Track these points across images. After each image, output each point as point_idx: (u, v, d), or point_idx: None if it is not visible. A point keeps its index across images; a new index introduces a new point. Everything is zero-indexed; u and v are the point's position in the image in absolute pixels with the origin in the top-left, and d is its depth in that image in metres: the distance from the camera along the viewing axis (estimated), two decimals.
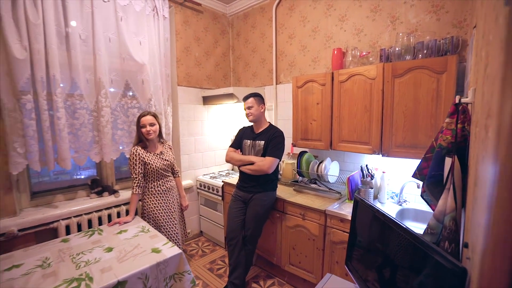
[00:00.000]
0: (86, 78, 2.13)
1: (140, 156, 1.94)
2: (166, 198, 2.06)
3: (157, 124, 2.00)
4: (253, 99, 2.08)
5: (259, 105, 2.09)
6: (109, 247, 1.53)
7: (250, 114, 2.08)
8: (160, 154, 2.05)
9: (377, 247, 1.12)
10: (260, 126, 2.14)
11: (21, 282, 1.22)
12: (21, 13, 1.78)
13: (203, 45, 3.07)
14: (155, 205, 2.01)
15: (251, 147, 2.13)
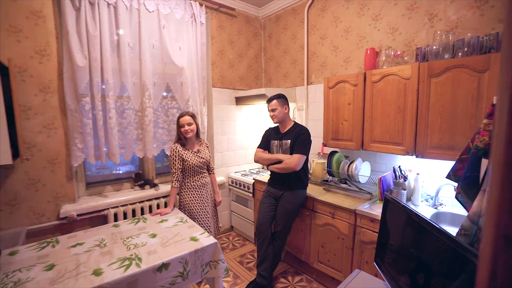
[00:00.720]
0: (133, 82, 2.36)
1: (179, 153, 2.11)
2: (201, 192, 2.21)
3: (195, 124, 2.15)
4: (277, 101, 2.12)
5: (282, 106, 2.13)
6: (153, 233, 1.71)
7: (274, 116, 2.14)
8: (197, 152, 2.19)
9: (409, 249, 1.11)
10: (285, 126, 2.18)
11: (85, 257, 1.43)
12: (82, 26, 2.04)
13: (236, 48, 3.20)
14: (190, 199, 2.16)
15: (279, 147, 2.18)
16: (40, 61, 1.99)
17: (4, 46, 1.85)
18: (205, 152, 2.26)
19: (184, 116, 2.13)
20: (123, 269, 1.31)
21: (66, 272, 1.30)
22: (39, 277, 1.26)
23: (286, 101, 2.17)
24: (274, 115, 2.14)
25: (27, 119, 1.96)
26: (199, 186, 2.21)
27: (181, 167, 2.14)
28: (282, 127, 2.21)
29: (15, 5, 1.88)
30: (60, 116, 2.10)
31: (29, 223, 2.02)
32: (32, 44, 1.95)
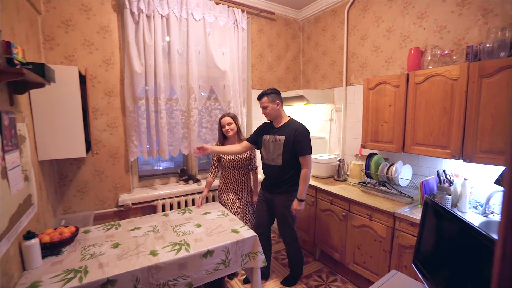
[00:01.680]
0: (181, 85, 2.59)
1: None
2: (236, 188, 2.34)
3: (235, 124, 2.30)
4: (267, 98, 2.01)
5: (274, 102, 2.02)
6: (198, 223, 1.88)
7: (266, 114, 2.07)
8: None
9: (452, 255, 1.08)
10: (280, 121, 2.08)
11: (142, 239, 1.64)
12: (140, 37, 2.30)
13: (275, 51, 3.29)
14: (223, 191, 2.36)
15: (271, 142, 2.08)
16: (106, 69, 2.30)
17: (81, 58, 2.18)
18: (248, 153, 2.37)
19: (224, 117, 2.30)
20: (175, 252, 1.49)
21: (128, 250, 1.52)
22: (108, 253, 1.49)
23: (277, 96, 2.05)
24: (265, 112, 2.06)
25: (96, 119, 2.28)
26: (234, 182, 2.34)
27: (218, 163, 2.34)
28: (276, 122, 2.10)
29: (89, 23, 2.20)
30: (121, 116, 2.40)
31: (95, 208, 2.34)
32: (100, 54, 2.26)
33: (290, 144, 1.98)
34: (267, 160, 2.11)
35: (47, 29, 2.06)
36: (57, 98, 1.78)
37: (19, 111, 1.53)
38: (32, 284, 1.24)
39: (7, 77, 1.11)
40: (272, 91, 2.05)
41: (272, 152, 2.07)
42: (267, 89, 2.09)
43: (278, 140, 2.04)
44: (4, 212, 1.21)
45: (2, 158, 1.24)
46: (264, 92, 2.06)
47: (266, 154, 2.12)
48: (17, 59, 1.22)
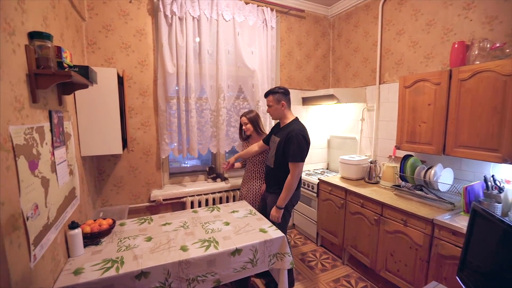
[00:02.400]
0: (210, 85, 2.64)
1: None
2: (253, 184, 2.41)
3: (250, 124, 2.36)
4: (272, 97, 1.97)
5: (278, 103, 1.96)
6: (227, 221, 1.90)
7: (270, 113, 2.06)
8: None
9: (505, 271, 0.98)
10: (284, 122, 2.03)
11: (173, 234, 1.70)
12: (173, 39, 2.38)
13: (304, 49, 3.23)
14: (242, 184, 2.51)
15: (272, 142, 2.09)
16: (141, 70, 2.41)
17: (119, 60, 2.31)
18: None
19: (241, 117, 2.42)
20: (204, 249, 1.52)
21: (160, 244, 1.58)
22: (142, 245, 1.56)
23: (283, 97, 1.97)
24: (269, 111, 2.04)
25: (131, 118, 2.40)
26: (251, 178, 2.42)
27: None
28: (281, 123, 2.06)
29: (126, 27, 2.32)
30: (153, 115, 2.50)
31: (129, 203, 2.47)
32: (136, 57, 2.38)
33: (282, 147, 1.91)
34: (266, 160, 2.19)
35: (90, 34, 2.21)
36: (98, 98, 1.90)
37: (66, 110, 1.65)
38: (75, 270, 1.33)
39: (58, 79, 1.20)
40: (279, 91, 1.98)
41: (271, 154, 2.07)
42: (275, 87, 2.03)
43: (275, 141, 2.01)
44: (53, 203, 1.31)
45: (52, 154, 1.35)
46: (271, 90, 2.00)
47: (268, 153, 2.16)
48: (66, 62, 1.32)
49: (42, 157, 1.21)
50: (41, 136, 1.23)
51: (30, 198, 1.07)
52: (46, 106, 1.32)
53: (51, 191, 1.29)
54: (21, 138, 1.03)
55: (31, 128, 1.13)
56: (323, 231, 2.80)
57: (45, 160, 1.25)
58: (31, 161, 1.11)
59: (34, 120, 1.17)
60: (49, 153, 1.30)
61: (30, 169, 1.09)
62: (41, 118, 1.25)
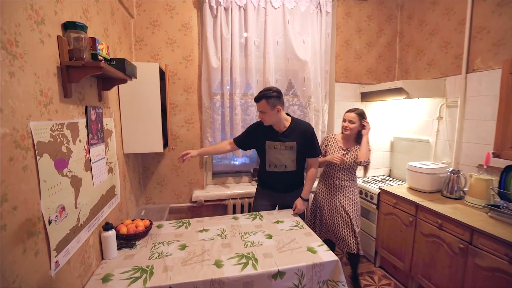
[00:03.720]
0: (257, 79, 2.43)
1: (330, 141, 2.13)
2: (328, 190, 2.13)
3: (357, 124, 2.01)
4: (265, 102, 1.71)
5: (273, 108, 1.73)
6: (269, 234, 1.66)
7: (263, 119, 1.80)
8: (345, 151, 2.06)
9: None
10: (283, 124, 1.84)
11: (209, 244, 1.53)
12: (218, 31, 2.23)
13: (365, 36, 2.79)
14: (318, 191, 2.20)
15: (281, 149, 1.86)
16: (186, 65, 2.32)
17: (165, 56, 2.26)
18: (353, 156, 2.04)
19: (349, 112, 2.05)
20: (241, 267, 1.30)
21: (194, 255, 1.41)
22: (175, 254, 1.42)
23: (278, 100, 1.75)
24: (263, 118, 1.79)
25: (174, 115, 2.33)
26: (329, 185, 2.13)
27: (323, 156, 2.13)
28: (278, 126, 1.85)
29: (172, 21, 2.26)
30: (197, 112, 2.40)
31: (171, 202, 2.42)
32: (181, 52, 2.30)
33: (303, 148, 1.86)
34: (277, 168, 1.90)
35: (138, 31, 2.20)
36: (140, 94, 1.85)
37: (108, 106, 1.61)
38: (105, 276, 1.25)
39: (89, 72, 1.11)
40: (273, 94, 1.72)
41: (284, 160, 1.88)
42: (266, 89, 1.75)
43: (290, 147, 1.85)
44: (86, 203, 1.25)
45: (87, 151, 1.29)
46: (263, 94, 1.72)
47: (275, 162, 1.89)
48: (101, 54, 1.24)
49: (73, 155, 1.14)
50: (74, 133, 1.16)
51: (54, 199, 0.99)
52: (82, 102, 1.26)
53: (84, 191, 1.23)
54: (45, 135, 0.95)
55: (60, 125, 1.05)
56: (384, 251, 2.35)
57: (78, 158, 1.18)
58: (59, 159, 1.03)
59: (65, 115, 1.10)
60: (83, 151, 1.24)
61: (57, 168, 1.01)
62: (75, 114, 1.18)
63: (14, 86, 0.81)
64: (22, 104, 0.84)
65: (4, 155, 0.76)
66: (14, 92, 0.81)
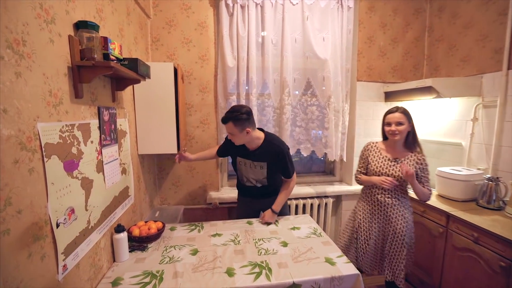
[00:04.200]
0: (274, 79, 2.34)
1: (372, 151, 1.78)
2: (372, 210, 1.77)
3: (406, 125, 1.64)
4: (232, 125, 1.58)
5: (242, 130, 1.60)
6: (284, 241, 1.57)
7: (233, 141, 1.68)
8: (393, 161, 1.70)
9: None
10: (256, 142, 1.72)
11: (221, 250, 1.47)
12: (234, 29, 2.18)
13: (390, 32, 2.62)
14: (359, 209, 1.85)
15: (250, 168, 1.79)
16: (202, 65, 2.29)
17: (180, 56, 2.24)
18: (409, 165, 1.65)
19: (393, 112, 1.68)
20: (253, 277, 1.23)
21: (205, 261, 1.36)
22: (186, 259, 1.38)
23: (247, 123, 1.61)
24: (232, 139, 1.68)
25: (190, 115, 2.31)
26: (372, 202, 1.77)
27: (365, 167, 1.82)
28: (249, 145, 1.74)
29: (188, 21, 2.23)
30: (213, 113, 2.36)
31: (186, 203, 2.39)
32: (197, 51, 2.27)
33: (274, 167, 1.77)
34: (250, 182, 1.85)
35: (154, 31, 2.19)
36: (155, 95, 1.83)
37: (122, 107, 1.60)
38: (115, 280, 1.23)
39: (99, 71, 1.09)
40: (242, 117, 1.58)
41: (256, 177, 1.82)
42: (235, 110, 1.59)
43: (259, 166, 1.77)
44: (97, 205, 1.23)
45: (99, 152, 1.27)
46: (231, 116, 1.58)
47: (246, 177, 1.84)
48: (113, 54, 1.21)
49: (84, 157, 1.12)
50: (85, 134, 1.14)
51: (63, 202, 0.97)
52: (94, 102, 1.24)
53: (95, 193, 1.21)
54: (54, 136, 0.93)
55: (70, 126, 1.03)
56: None
57: (89, 160, 1.17)
58: (69, 161, 1.01)
59: (77, 116, 1.08)
60: (95, 152, 1.22)
61: (66, 170, 0.99)
62: (87, 114, 1.17)
63: (20, 87, 0.79)
64: (29, 105, 0.82)
65: (8, 158, 0.74)
66: (20, 92, 0.79)
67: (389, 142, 1.74)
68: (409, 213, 1.71)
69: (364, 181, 1.78)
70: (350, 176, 2.70)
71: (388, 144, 1.76)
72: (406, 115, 1.67)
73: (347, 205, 2.69)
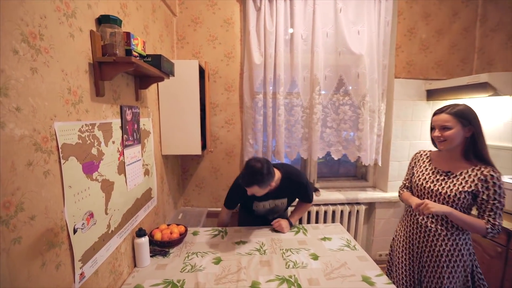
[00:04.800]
0: (303, 76, 2.19)
1: (418, 159, 1.46)
2: (410, 235, 1.40)
3: (456, 129, 1.22)
4: (257, 188, 1.42)
5: (267, 187, 1.46)
6: (315, 253, 1.43)
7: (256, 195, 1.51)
8: (443, 175, 1.30)
9: None
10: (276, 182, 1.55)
11: (246, 260, 1.36)
12: (261, 25, 2.06)
13: (434, 22, 2.35)
14: (397, 231, 1.52)
15: (269, 208, 1.69)
16: (227, 63, 2.20)
17: (206, 54, 2.18)
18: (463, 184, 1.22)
19: (438, 113, 1.28)
20: None
21: (229, 272, 1.26)
22: (208, 269, 1.29)
23: (271, 177, 1.44)
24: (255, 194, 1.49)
25: (215, 115, 2.23)
26: (411, 220, 1.40)
27: (409, 183, 1.48)
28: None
29: (214, 18, 2.16)
30: (238, 112, 2.26)
31: (209, 205, 2.33)
32: (223, 49, 2.19)
33: (294, 198, 1.78)
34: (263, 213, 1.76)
35: (180, 29, 2.15)
36: (179, 93, 1.77)
37: (146, 106, 1.55)
38: (135, 287, 1.16)
39: (120, 68, 1.03)
40: (267, 178, 1.41)
41: (271, 214, 1.76)
42: (254, 170, 1.38)
43: (279, 203, 1.70)
44: (118, 208, 1.18)
45: (121, 153, 1.22)
46: (253, 180, 1.39)
47: (263, 214, 1.76)
48: (136, 50, 1.16)
49: (105, 158, 1.07)
50: (107, 134, 1.09)
51: (81, 206, 0.92)
52: (117, 101, 1.19)
53: (116, 195, 1.16)
54: (73, 137, 0.88)
55: (91, 125, 0.98)
56: None
57: (110, 161, 1.12)
58: (88, 162, 0.96)
59: (97, 115, 1.03)
60: (116, 153, 1.17)
61: (85, 172, 0.94)
62: (108, 113, 1.12)
63: (36, 83, 0.74)
64: (45, 103, 0.77)
65: (21, 160, 0.68)
66: (36, 89, 0.74)
67: (440, 152, 1.37)
68: (462, 247, 1.25)
69: (403, 199, 1.45)
70: (385, 182, 2.47)
71: (440, 153, 1.37)
72: (458, 116, 1.22)
73: (381, 214, 2.47)
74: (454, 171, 1.27)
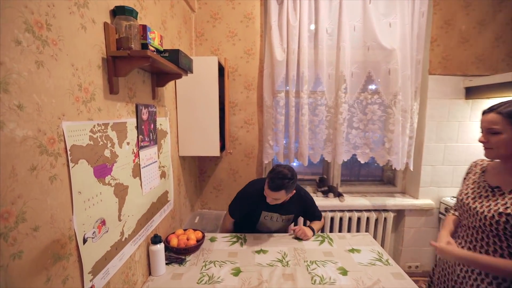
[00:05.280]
0: (328, 73, 2.05)
1: (472, 170, 1.16)
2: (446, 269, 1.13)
3: (507, 134, 0.94)
4: (284, 193, 1.41)
5: (290, 193, 1.48)
6: (343, 267, 1.29)
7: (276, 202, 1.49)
8: (489, 190, 1.01)
9: None
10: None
11: (267, 273, 1.25)
12: (284, 19, 1.94)
13: (475, 13, 2.12)
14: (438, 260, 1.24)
15: (275, 221, 1.62)
16: (247, 60, 2.10)
17: (225, 50, 2.09)
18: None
19: (485, 113, 1.01)
20: None
21: (249, 286, 1.16)
22: (227, 281, 1.19)
23: (295, 184, 1.46)
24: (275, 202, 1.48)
25: (234, 114, 2.14)
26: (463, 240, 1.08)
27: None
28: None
29: (233, 13, 2.06)
30: (257, 112, 2.16)
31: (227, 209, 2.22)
32: (242, 45, 2.09)
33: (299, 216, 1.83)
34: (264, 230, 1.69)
35: (199, 25, 2.07)
36: (199, 92, 1.69)
37: (163, 105, 1.48)
38: None
39: (135, 63, 0.95)
40: (292, 179, 1.41)
41: (276, 228, 1.69)
42: (283, 175, 1.40)
43: (286, 219, 1.64)
44: (132, 214, 1.10)
45: (136, 155, 1.15)
46: (282, 184, 1.39)
47: (266, 228, 1.67)
48: (152, 45, 1.07)
49: (119, 160, 1.00)
50: (121, 135, 1.02)
51: (92, 213, 0.84)
52: (132, 99, 1.12)
53: (130, 200, 1.08)
54: (83, 138, 0.80)
55: (103, 125, 0.90)
56: None
57: (125, 163, 1.04)
58: (101, 165, 0.88)
59: (111, 115, 0.96)
60: (131, 154, 1.10)
61: (97, 176, 0.87)
62: (123, 112, 1.04)
63: (42, 78, 0.66)
64: (52, 100, 0.69)
65: (23, 164, 0.61)
66: (41, 85, 0.66)
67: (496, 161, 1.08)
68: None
69: (442, 225, 1.20)
70: (416, 188, 2.27)
71: (496, 164, 1.07)
72: (507, 116, 0.94)
73: (411, 222, 2.28)
74: (504, 188, 0.97)
